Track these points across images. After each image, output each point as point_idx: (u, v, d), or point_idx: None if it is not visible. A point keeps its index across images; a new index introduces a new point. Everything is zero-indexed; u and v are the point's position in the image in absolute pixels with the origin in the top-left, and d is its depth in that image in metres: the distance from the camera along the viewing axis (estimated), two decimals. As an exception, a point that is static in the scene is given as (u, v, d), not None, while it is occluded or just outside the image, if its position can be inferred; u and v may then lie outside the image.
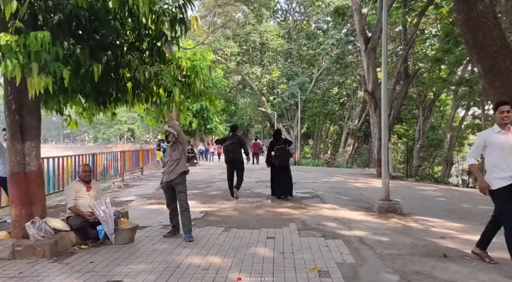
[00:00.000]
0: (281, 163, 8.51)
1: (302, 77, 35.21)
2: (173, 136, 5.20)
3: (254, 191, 9.88)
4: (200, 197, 8.92)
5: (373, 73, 15.49)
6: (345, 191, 9.95)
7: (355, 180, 13.18)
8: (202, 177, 14.29)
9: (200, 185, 11.49)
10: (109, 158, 11.91)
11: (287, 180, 8.59)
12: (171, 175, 5.19)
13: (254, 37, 34.88)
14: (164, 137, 6.31)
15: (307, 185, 11.07)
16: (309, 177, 13.93)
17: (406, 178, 15.67)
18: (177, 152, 5.23)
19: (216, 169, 18.20)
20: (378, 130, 15.19)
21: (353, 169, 20.71)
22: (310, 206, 7.45)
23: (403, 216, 6.44)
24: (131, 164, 14.22)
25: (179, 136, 5.22)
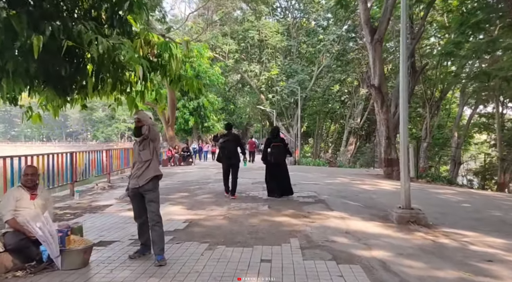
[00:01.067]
0: (276, 159, 8.27)
1: (302, 75, 34.11)
2: (145, 130, 4.08)
3: (250, 194, 8.76)
4: (188, 201, 7.81)
5: (380, 66, 14.37)
6: (353, 194, 8.84)
7: (361, 181, 12.06)
8: (196, 177, 13.19)
9: (192, 186, 10.38)
10: (92, 157, 10.80)
11: (284, 178, 8.40)
12: (139, 180, 4.08)
13: (253, 34, 33.76)
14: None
15: (309, 187, 9.95)
16: (310, 178, 12.82)
17: (416, 179, 14.55)
18: (148, 150, 4.11)
19: (211, 169, 17.09)
20: (385, 128, 14.10)
21: (356, 169, 19.60)
22: (314, 213, 6.33)
23: (429, 228, 5.32)
24: (119, 163, 13.09)
25: (150, 131, 4.10)
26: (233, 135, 8.62)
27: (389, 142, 14.09)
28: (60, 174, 8.84)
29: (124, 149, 13.75)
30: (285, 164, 8.67)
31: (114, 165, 12.48)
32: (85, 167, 10.63)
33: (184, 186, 10.63)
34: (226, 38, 34.53)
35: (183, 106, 27.75)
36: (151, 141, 4.12)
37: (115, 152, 12.75)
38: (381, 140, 14.54)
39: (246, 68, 34.10)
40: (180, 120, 27.80)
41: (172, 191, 9.44)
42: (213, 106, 29.89)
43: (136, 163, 4.18)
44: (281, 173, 8.37)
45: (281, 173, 8.35)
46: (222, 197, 8.35)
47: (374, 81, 14.41)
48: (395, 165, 13.99)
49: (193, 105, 27.95)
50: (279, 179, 8.32)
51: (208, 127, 29.66)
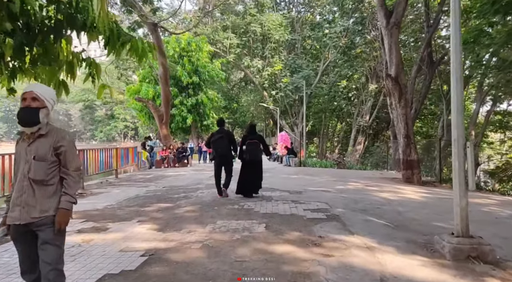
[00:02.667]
0: (251, 157, 7.98)
1: (306, 70, 32.30)
2: (43, 117, 2.35)
3: (244, 205, 7.02)
4: (164, 216, 6.09)
5: (397, 54, 12.57)
6: (373, 206, 7.07)
7: (378, 187, 10.27)
8: (186, 181, 11.49)
9: (177, 194, 8.67)
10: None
11: (257, 177, 8.14)
12: (30, 210, 2.33)
13: (255, 27, 31.96)
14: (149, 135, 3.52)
15: (318, 196, 8.20)
16: (318, 183, 11.06)
17: (439, 183, 12.74)
18: (46, 159, 2.36)
19: (206, 171, 15.39)
20: (403, 125, 12.32)
21: (368, 171, 17.78)
22: (328, 239, 4.59)
23: (504, 270, 3.55)
24: (98, 165, 11.39)
25: (48, 120, 2.39)
26: (225, 132, 8.16)
27: (408, 140, 12.29)
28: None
29: (103, 148, 12.01)
30: (261, 162, 8.22)
31: (92, 168, 10.79)
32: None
33: (168, 193, 8.93)
34: (227, 32, 32.77)
35: (180, 103, 26.09)
36: (58, 141, 2.38)
37: (93, 153, 11.02)
38: (399, 139, 12.73)
39: (248, 63, 32.29)
40: (178, 118, 26.12)
41: (150, 201, 7.74)
42: (213, 103, 28.18)
43: (20, 180, 2.36)
44: (256, 172, 8.07)
45: (255, 171, 8.06)
46: (209, 209, 6.65)
47: (390, 71, 12.61)
48: (415, 167, 12.23)
49: (191, 102, 26.28)
50: (253, 178, 8.02)
51: (207, 126, 27.96)
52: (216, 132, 8.20)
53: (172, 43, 25.63)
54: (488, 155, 30.34)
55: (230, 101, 45.14)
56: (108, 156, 12.22)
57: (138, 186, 10.56)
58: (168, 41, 25.72)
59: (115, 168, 12.82)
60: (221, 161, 8.09)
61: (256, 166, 8.10)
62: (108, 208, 7.03)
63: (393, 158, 18.38)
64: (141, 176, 13.86)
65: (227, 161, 8.13)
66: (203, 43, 26.87)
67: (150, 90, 24.73)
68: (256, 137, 8.22)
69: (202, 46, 26.77)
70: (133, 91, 25.70)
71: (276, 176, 13.38)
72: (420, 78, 21.94)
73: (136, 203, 7.58)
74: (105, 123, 76.42)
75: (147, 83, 25.89)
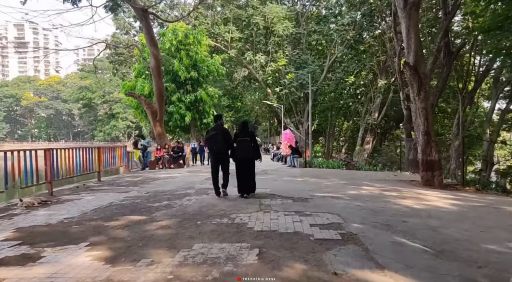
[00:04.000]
0: (241, 155, 7.74)
1: (312, 66, 30.74)
2: None
3: (235, 219, 5.58)
4: (128, 235, 4.68)
5: (416, 39, 11.04)
6: (398, 219, 5.59)
7: (397, 192, 8.77)
8: (176, 185, 10.06)
9: (158, 202, 7.25)
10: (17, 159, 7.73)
11: (250, 176, 7.87)
12: None
13: (257, 20, 30.42)
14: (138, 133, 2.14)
15: (328, 204, 6.74)
16: (327, 187, 9.58)
17: (462, 186, 11.20)
18: None
19: (202, 173, 14.02)
20: (423, 120, 10.81)
21: (381, 172, 16.20)
22: (347, 279, 3.12)
23: None
24: (74, 168, 9.98)
25: None
26: (221, 129, 7.76)
27: (428, 138, 10.77)
28: None
29: (80, 148, 10.57)
30: (253, 161, 7.94)
31: (64, 170, 9.37)
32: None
33: (148, 200, 7.50)
34: (228, 25, 31.26)
35: (178, 100, 24.69)
36: None
37: (66, 153, 9.59)
38: (417, 136, 11.21)
39: (251, 58, 30.76)
40: (176, 116, 24.73)
41: (123, 212, 6.32)
42: (213, 100, 26.72)
43: None
44: (248, 171, 7.81)
45: (248, 170, 7.80)
46: (190, 225, 5.24)
47: (408, 59, 11.09)
48: (436, 168, 10.72)
49: (189, 99, 24.84)
50: (246, 176, 7.79)
51: (207, 124, 26.50)
52: (212, 129, 7.85)
53: (169, 36, 24.21)
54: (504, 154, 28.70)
55: (234, 100, 43.78)
56: (88, 157, 10.79)
57: (118, 191, 9.14)
58: (164, 33, 24.35)
59: (97, 170, 11.40)
60: (217, 159, 7.74)
61: (247, 165, 7.79)
62: (65, 222, 5.61)
63: (407, 158, 16.83)
64: (128, 178, 12.46)
65: (223, 159, 7.77)
66: (201, 36, 25.41)
67: (146, 86, 23.35)
68: (247, 135, 7.83)
69: (200, 39, 25.32)
70: (128, 88, 24.35)
71: (278, 178, 11.91)
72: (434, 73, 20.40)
73: (103, 214, 6.16)
74: (104, 122, 75.25)
75: (143, 78, 24.50)
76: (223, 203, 7.11)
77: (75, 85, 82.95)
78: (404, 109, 17.74)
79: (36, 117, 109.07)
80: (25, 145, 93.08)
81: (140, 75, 25.05)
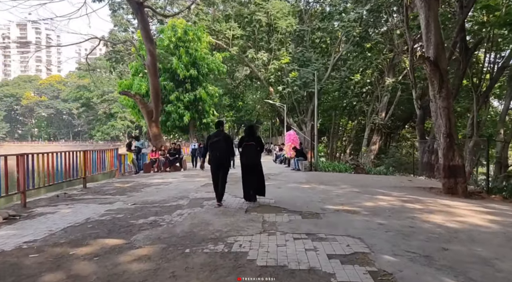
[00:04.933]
0: (247, 161, 7.64)
1: (316, 64, 29.58)
2: None
3: (233, 245, 4.50)
4: (90, 274, 3.58)
5: (436, 31, 9.91)
6: (436, 246, 4.49)
7: (421, 204, 7.64)
8: (167, 194, 8.96)
9: (142, 218, 6.19)
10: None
11: (257, 181, 7.68)
12: None
13: (260, 17, 29.27)
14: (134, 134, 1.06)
15: (344, 222, 5.65)
16: (338, 196, 8.46)
17: (487, 194, 10.06)
18: None
19: (200, 177, 12.94)
20: (445, 121, 9.70)
21: (393, 177, 15.00)
22: None
23: None
24: (54, 174, 8.89)
25: None
26: (223, 135, 7.54)
27: (451, 141, 9.64)
28: None
29: (61, 152, 9.46)
30: (259, 165, 7.75)
31: (40, 178, 8.28)
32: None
33: (133, 215, 6.43)
34: (230, 22, 30.12)
35: (177, 99, 23.59)
36: None
37: (42, 158, 8.49)
38: (438, 138, 10.07)
39: (253, 55, 29.62)
40: (174, 115, 23.64)
41: (98, 232, 5.27)
42: (213, 99, 25.61)
43: None
44: (255, 176, 7.64)
45: (254, 176, 7.63)
46: (175, 255, 4.19)
47: (427, 53, 9.97)
48: (459, 174, 9.60)
49: (188, 98, 23.75)
50: (252, 182, 7.64)
51: (207, 124, 25.41)
52: (214, 135, 7.57)
53: (167, 32, 23.11)
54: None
55: (235, 100, 42.75)
56: (71, 162, 9.71)
57: (102, 201, 8.06)
58: (163, 30, 23.27)
59: (83, 176, 10.32)
60: (218, 166, 7.39)
61: (254, 169, 7.61)
62: (23, 248, 4.56)
63: (421, 161, 15.69)
64: (118, 184, 11.37)
65: (224, 166, 7.43)
66: (201, 32, 24.30)
67: (143, 85, 22.26)
68: (253, 139, 7.71)
69: (200, 36, 24.21)
70: (125, 86, 23.27)
71: (282, 185, 10.79)
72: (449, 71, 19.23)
73: (73, 236, 5.08)
74: (102, 122, 74.18)
75: (141, 77, 23.41)
76: (219, 219, 6.01)
77: (75, 84, 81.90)
78: (417, 109, 16.61)
79: (37, 117, 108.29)
80: (25, 144, 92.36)
81: (138, 73, 23.97)
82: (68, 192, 9.53)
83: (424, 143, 15.26)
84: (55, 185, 9.13)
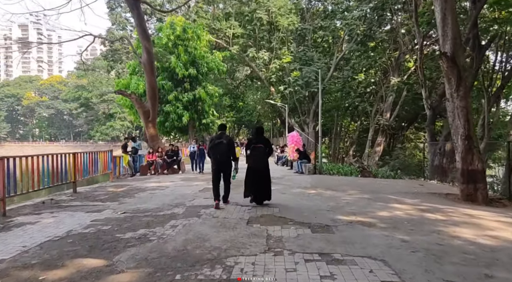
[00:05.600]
0: (255, 165, 7.41)
1: (319, 63, 28.84)
2: None
3: (232, 270, 3.76)
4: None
5: (453, 25, 9.18)
6: (478, 273, 3.76)
7: (441, 214, 6.90)
8: (162, 200, 8.23)
9: (131, 231, 5.50)
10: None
11: (265, 185, 7.48)
12: None
13: (261, 15, 28.54)
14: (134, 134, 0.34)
15: (361, 238, 4.93)
16: (349, 204, 7.72)
17: (509, 201, 9.31)
18: None
19: (198, 181, 12.21)
20: (463, 122, 8.98)
21: (402, 181, 14.21)
22: None
23: None
24: (39, 179, 8.17)
25: None
26: (226, 138, 7.39)
27: (469, 144, 8.90)
28: None
29: (48, 155, 8.72)
30: (267, 169, 7.58)
31: (23, 183, 7.55)
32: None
33: (121, 227, 5.73)
34: (230, 20, 29.40)
35: (175, 99, 22.87)
36: None
37: (26, 161, 7.75)
38: (455, 141, 9.33)
39: (254, 54, 28.89)
40: (173, 116, 22.93)
41: (77, 250, 4.56)
42: (213, 99, 24.88)
43: None
44: (261, 179, 7.44)
45: (261, 179, 7.44)
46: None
47: (444, 48, 9.24)
48: (479, 180, 8.87)
49: (187, 98, 23.02)
50: (259, 185, 7.44)
51: (207, 125, 24.68)
52: (217, 137, 7.42)
53: (166, 30, 22.40)
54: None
55: (236, 100, 42.06)
56: (60, 165, 8.99)
57: (90, 209, 7.34)
58: (161, 28, 22.57)
59: (73, 180, 9.60)
60: (219, 169, 7.30)
61: (261, 174, 7.41)
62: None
63: (431, 164, 14.94)
64: (111, 188, 10.65)
65: (225, 169, 7.35)
66: (201, 30, 23.57)
67: (141, 84, 21.56)
68: (262, 141, 7.58)
69: (200, 34, 23.49)
70: (123, 86, 22.56)
71: (287, 190, 10.05)
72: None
73: (48, 255, 4.38)
74: (101, 122, 73.44)
75: (138, 76, 22.70)
76: (217, 233, 5.28)
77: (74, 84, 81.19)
78: (427, 109, 15.87)
79: (38, 117, 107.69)
80: (26, 145, 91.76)
81: (136, 72, 23.27)
82: (56, 198, 8.80)
83: (434, 145, 14.51)
84: (41, 190, 8.42)
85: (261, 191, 7.43)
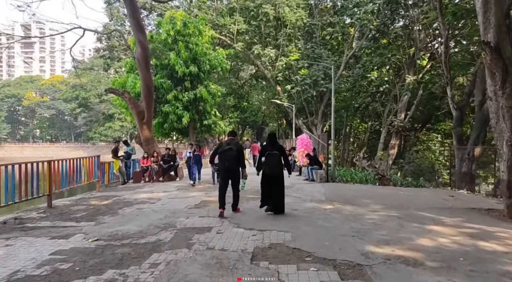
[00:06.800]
0: (271, 171, 7.28)
1: (328, 61, 27.34)
2: None
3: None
4: None
5: (498, 10, 7.64)
6: None
7: (497, 241, 5.42)
8: (149, 219, 6.83)
9: (96, 273, 4.06)
10: None
11: (278, 195, 7.29)
12: None
13: (267, 9, 27.07)
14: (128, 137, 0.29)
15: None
16: (377, 228, 6.25)
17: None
18: None
19: (195, 192, 10.76)
20: (509, 125, 7.49)
21: (426, 190, 12.63)
22: None
23: None
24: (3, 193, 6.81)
25: None
26: (236, 144, 7.27)
27: (518, 149, 7.41)
28: None
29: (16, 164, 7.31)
30: (281, 177, 7.38)
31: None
32: None
33: (85, 265, 4.35)
34: (234, 16, 27.95)
35: (175, 99, 21.49)
36: None
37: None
38: (500, 146, 7.85)
39: (259, 52, 27.44)
40: (172, 116, 21.56)
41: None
42: (215, 98, 23.47)
43: None
44: (275, 188, 7.24)
45: (274, 187, 7.24)
46: None
47: (486, 37, 7.76)
48: (530, 194, 7.34)
49: (188, 97, 21.63)
50: (273, 194, 7.25)
51: (208, 126, 23.27)
52: (226, 143, 7.37)
53: (165, 25, 21.03)
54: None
55: (240, 100, 40.67)
56: (31, 175, 7.61)
57: (56, 233, 5.96)
58: (160, 22, 21.21)
59: (48, 192, 8.22)
60: (227, 176, 7.17)
61: (277, 182, 7.29)
62: None
63: (459, 171, 13.40)
64: (94, 201, 9.26)
65: (234, 176, 7.21)
66: (202, 25, 22.17)
67: (138, 83, 20.14)
68: (276, 148, 7.43)
69: (202, 29, 22.10)
70: (119, 84, 21.24)
71: (298, 205, 8.53)
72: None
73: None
74: (100, 123, 72.25)
75: (136, 74, 21.33)
76: (211, 278, 3.85)
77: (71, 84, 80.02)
78: (453, 110, 14.35)
79: (38, 118, 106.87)
80: (26, 146, 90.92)
81: (133, 70, 21.91)
82: (24, 216, 7.42)
83: (462, 150, 13.00)
84: (8, 205, 7.06)
85: (273, 200, 7.27)
